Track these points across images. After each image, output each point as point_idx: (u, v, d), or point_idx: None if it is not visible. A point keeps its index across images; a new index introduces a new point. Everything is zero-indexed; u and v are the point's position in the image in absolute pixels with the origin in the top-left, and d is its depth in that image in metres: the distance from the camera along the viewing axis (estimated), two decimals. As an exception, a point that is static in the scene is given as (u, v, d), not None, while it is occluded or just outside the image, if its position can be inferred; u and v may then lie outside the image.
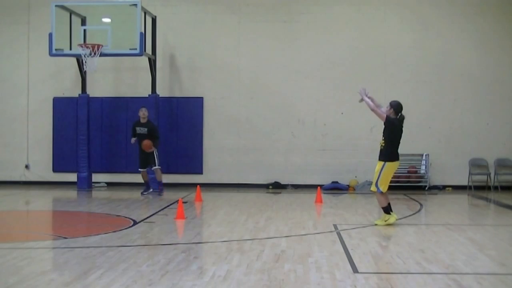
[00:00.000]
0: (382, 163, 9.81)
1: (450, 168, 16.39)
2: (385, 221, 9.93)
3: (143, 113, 14.32)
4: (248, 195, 14.88)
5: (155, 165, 14.35)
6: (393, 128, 9.82)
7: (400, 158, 10.09)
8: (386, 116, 9.82)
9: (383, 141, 9.87)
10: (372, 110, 9.89)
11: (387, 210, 10.00)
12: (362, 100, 10.09)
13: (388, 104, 9.93)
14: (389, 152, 9.82)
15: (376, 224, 10.01)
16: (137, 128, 14.30)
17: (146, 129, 14.23)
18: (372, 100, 9.96)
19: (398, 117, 9.84)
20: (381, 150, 9.93)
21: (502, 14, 16.54)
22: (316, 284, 6.20)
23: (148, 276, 6.51)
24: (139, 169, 14.53)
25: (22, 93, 17.24)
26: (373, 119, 16.26)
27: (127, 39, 14.35)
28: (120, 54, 15.15)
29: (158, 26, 15.92)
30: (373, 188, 9.93)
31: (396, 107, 9.84)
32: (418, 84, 16.43)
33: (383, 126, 9.97)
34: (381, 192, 9.84)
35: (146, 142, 14.06)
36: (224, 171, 16.80)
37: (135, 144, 14.46)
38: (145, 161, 14.37)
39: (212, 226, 10.19)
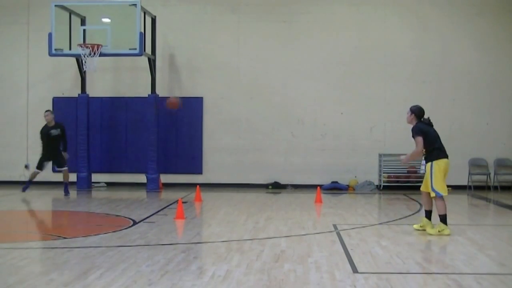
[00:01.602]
0: (429, 164, 9.42)
1: (449, 168, 16.30)
2: (439, 231, 9.18)
3: (48, 116, 14.56)
4: (247, 195, 14.87)
5: (66, 166, 14.63)
6: (424, 136, 9.38)
7: (400, 158, 9.91)
8: (414, 137, 9.36)
9: (424, 150, 9.45)
10: (413, 156, 9.55)
11: (444, 219, 9.29)
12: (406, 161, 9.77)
13: (409, 109, 9.48)
14: (433, 153, 9.43)
15: (429, 234, 9.21)
16: (50, 132, 14.47)
17: (58, 130, 14.55)
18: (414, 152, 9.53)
19: (422, 120, 9.43)
20: (425, 157, 9.53)
21: (502, 14, 16.53)
22: (316, 284, 6.20)
23: (148, 276, 6.50)
24: (57, 168, 14.83)
25: (22, 93, 17.24)
26: (373, 119, 16.50)
27: (127, 39, 14.34)
28: (119, 54, 15.13)
29: (157, 26, 15.92)
30: (431, 194, 9.38)
31: (417, 111, 9.43)
32: (418, 84, 16.42)
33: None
34: (441, 197, 9.33)
35: (173, 100, 13.99)
36: (224, 171, 16.79)
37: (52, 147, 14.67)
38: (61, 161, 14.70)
39: (211, 226, 10.18)
